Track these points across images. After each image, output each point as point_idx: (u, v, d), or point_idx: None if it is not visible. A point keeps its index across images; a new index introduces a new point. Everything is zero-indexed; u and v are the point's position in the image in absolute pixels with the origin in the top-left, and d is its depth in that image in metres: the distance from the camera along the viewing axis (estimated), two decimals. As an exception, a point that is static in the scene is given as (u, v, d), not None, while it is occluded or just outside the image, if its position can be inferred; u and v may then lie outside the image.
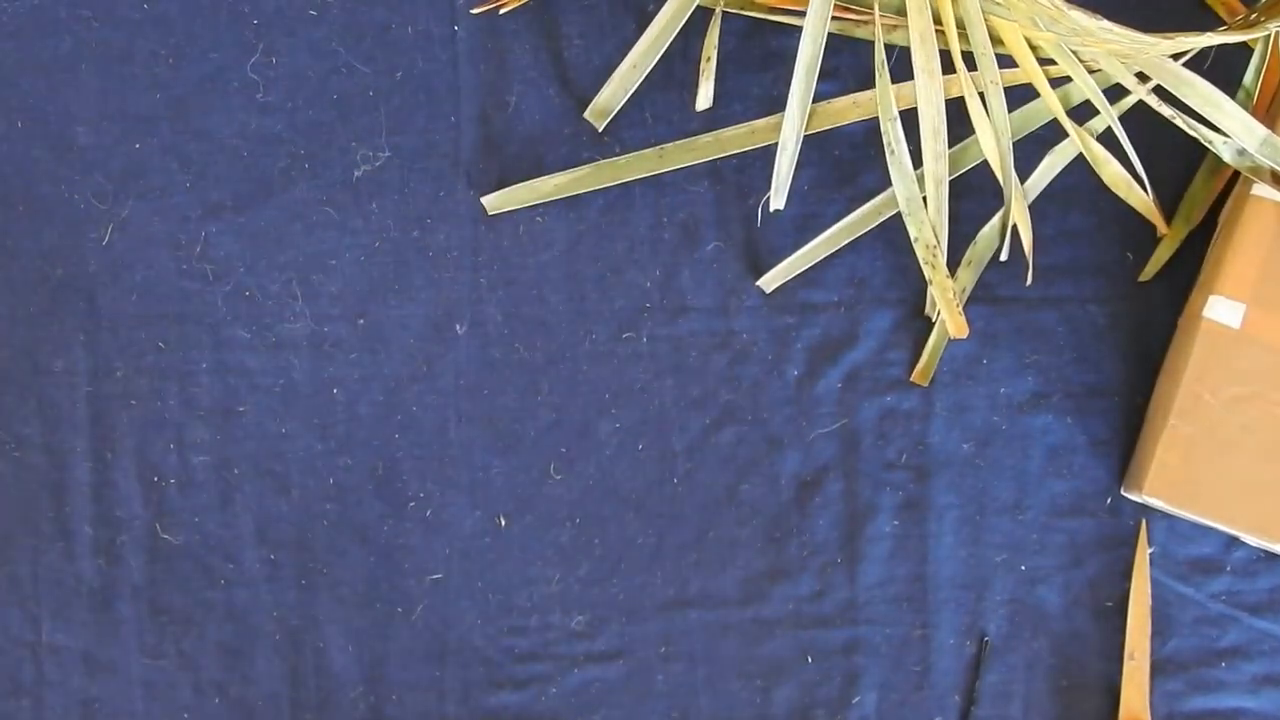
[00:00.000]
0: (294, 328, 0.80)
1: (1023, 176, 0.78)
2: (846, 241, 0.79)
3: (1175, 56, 0.75)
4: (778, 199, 0.77)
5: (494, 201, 0.79)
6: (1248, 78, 0.78)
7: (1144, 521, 0.79)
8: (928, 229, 0.76)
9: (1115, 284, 0.80)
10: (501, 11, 0.80)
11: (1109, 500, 0.79)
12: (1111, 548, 0.79)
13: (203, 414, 0.80)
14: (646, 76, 0.78)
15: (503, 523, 0.79)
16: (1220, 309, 0.74)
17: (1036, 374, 0.80)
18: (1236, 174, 0.77)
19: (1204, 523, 0.75)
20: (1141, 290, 0.80)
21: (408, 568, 0.79)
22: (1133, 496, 0.77)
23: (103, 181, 0.80)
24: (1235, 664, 0.78)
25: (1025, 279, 0.77)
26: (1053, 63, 0.75)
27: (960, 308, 0.78)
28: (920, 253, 0.76)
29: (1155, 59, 0.75)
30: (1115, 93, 0.76)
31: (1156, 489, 0.74)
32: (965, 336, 0.78)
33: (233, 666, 0.79)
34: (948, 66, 0.74)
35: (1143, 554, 0.79)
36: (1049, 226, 0.79)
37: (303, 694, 0.79)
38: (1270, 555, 0.78)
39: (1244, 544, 0.78)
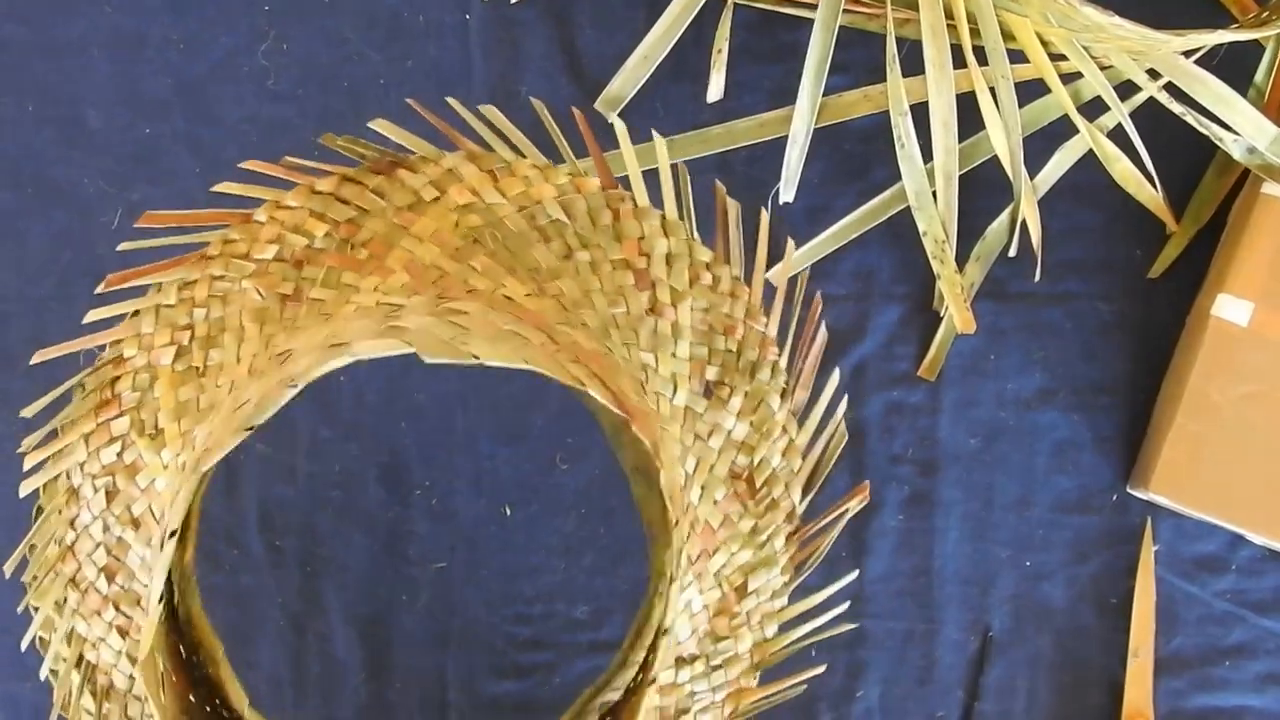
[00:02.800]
0: (302, 314, 0.80)
1: (1032, 172, 0.78)
2: (855, 235, 0.79)
3: (1187, 54, 0.75)
4: (787, 191, 0.77)
5: (503, 191, 0.80)
6: (1259, 75, 0.78)
7: (1149, 519, 0.79)
8: (937, 223, 0.76)
9: (1124, 281, 0.80)
10: (513, 0, 0.80)
11: (1115, 497, 0.79)
12: (1116, 545, 0.79)
13: (210, 399, 0.80)
14: (657, 67, 0.78)
15: (508, 511, 0.79)
16: (1228, 307, 0.74)
17: (1044, 370, 0.80)
18: (1247, 172, 0.77)
19: (1210, 521, 0.75)
20: (1150, 287, 0.80)
21: (412, 555, 0.79)
22: (1139, 494, 0.77)
23: (113, 165, 0.80)
24: (1239, 663, 0.78)
25: (1034, 275, 0.77)
26: (1064, 58, 0.75)
27: (968, 303, 0.78)
28: (929, 247, 0.76)
29: (1167, 56, 0.75)
30: (1126, 89, 0.76)
31: (1163, 486, 0.74)
32: (973, 332, 0.78)
33: (236, 651, 0.78)
34: (959, 61, 0.74)
35: (1148, 551, 0.79)
36: (1058, 222, 0.79)
37: (306, 680, 0.79)
38: (1276, 554, 0.78)
39: (1249, 542, 0.78)
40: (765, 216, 0.67)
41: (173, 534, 0.51)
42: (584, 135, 0.64)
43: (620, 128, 0.65)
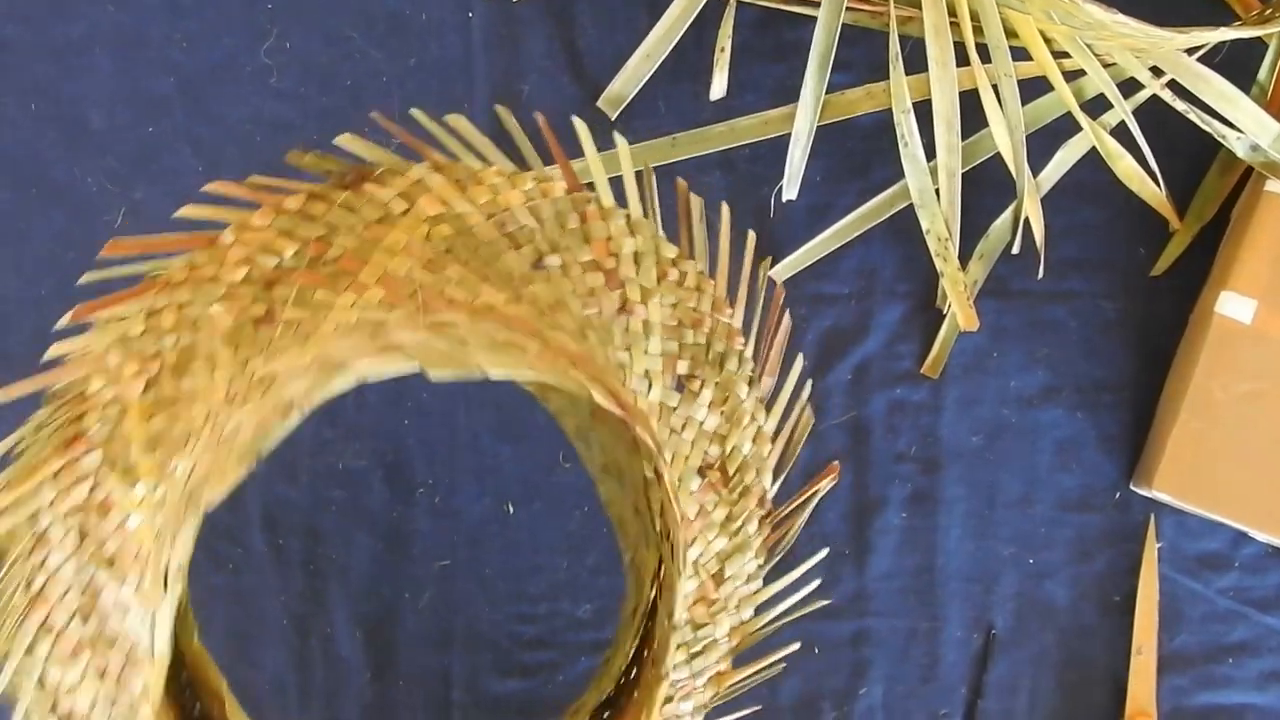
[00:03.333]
0: (304, 313, 0.80)
1: (1035, 170, 0.78)
2: (858, 233, 0.79)
3: (1190, 51, 0.75)
4: (790, 189, 0.77)
5: (506, 189, 0.79)
6: (1262, 73, 0.78)
7: (1153, 516, 0.79)
8: (940, 221, 0.76)
9: (1127, 279, 0.80)
10: (515, -1, 0.80)
11: (1118, 495, 0.79)
12: (1120, 543, 0.79)
13: (212, 399, 0.80)
14: (660, 66, 0.78)
15: (511, 510, 0.79)
16: (1232, 305, 0.74)
17: (1046, 368, 0.80)
18: (1250, 169, 0.77)
19: (1213, 518, 0.75)
20: (1153, 285, 0.80)
21: (415, 554, 0.79)
22: (1142, 491, 0.77)
23: (115, 165, 0.80)
24: (1242, 660, 0.78)
25: (1036, 272, 0.77)
26: (1067, 56, 0.75)
27: (971, 300, 0.78)
28: (932, 245, 0.76)
29: (1170, 53, 0.75)
30: (1129, 87, 0.76)
31: (1166, 484, 0.74)
32: (976, 329, 0.78)
33: (240, 652, 0.79)
34: (962, 59, 0.74)
35: (1151, 549, 0.79)
36: (1061, 220, 0.79)
37: (310, 680, 0.79)
38: (1278, 551, 0.78)
39: (1253, 540, 0.78)
40: (752, 238, 0.68)
41: (178, 568, 0.50)
42: (547, 140, 0.64)
43: (582, 129, 0.64)
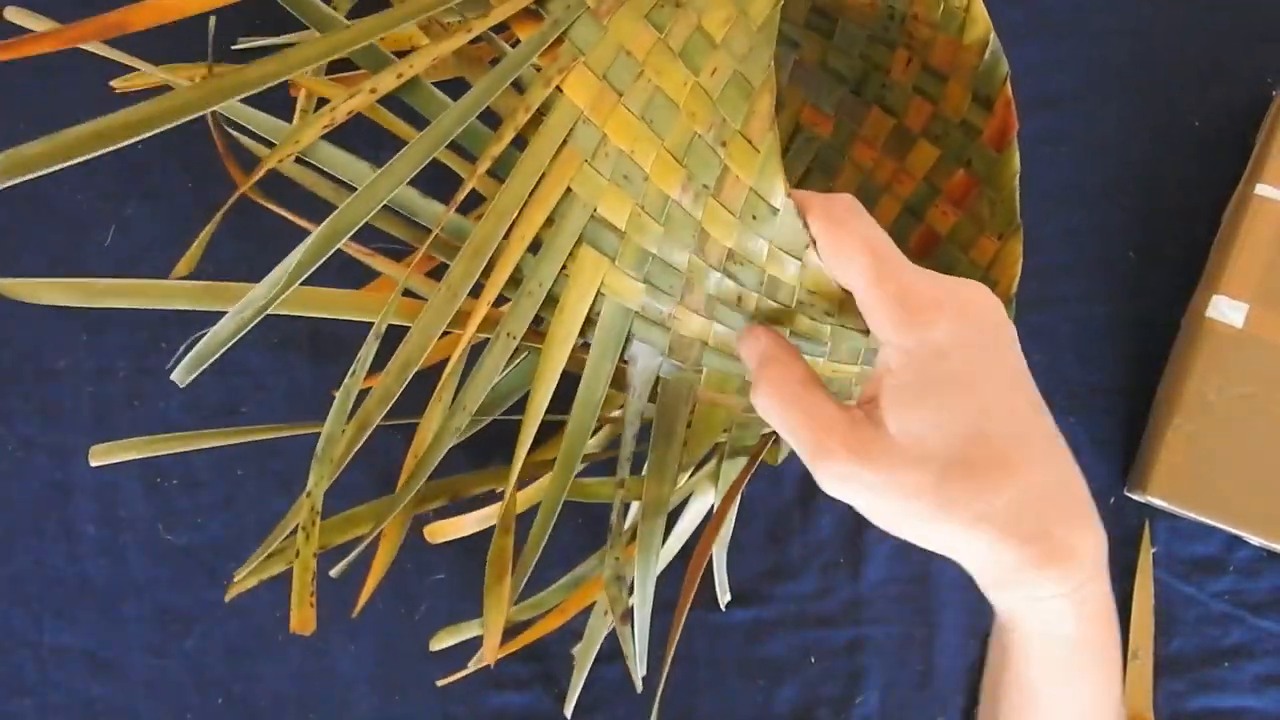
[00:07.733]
0: (296, 326, 0.80)
1: (1025, 172, 0.78)
2: (849, 241, 0.79)
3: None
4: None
5: (496, 201, 0.79)
6: (1251, 77, 0.78)
7: (1147, 521, 0.79)
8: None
9: (1118, 283, 0.80)
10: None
11: (1112, 500, 0.79)
12: (1115, 547, 0.77)
13: (205, 414, 0.80)
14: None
15: (505, 522, 0.79)
16: (1223, 308, 0.74)
17: (1039, 373, 0.79)
18: (1240, 173, 0.77)
19: (1207, 522, 0.75)
20: (1144, 289, 0.80)
21: (410, 567, 0.79)
22: (1136, 496, 0.77)
23: (105, 181, 0.80)
24: (1239, 664, 0.78)
25: (1028, 279, 0.77)
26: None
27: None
28: (923, 252, 0.76)
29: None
30: (1118, 92, 0.76)
31: (1160, 489, 0.74)
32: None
33: (236, 666, 0.79)
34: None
35: (1146, 554, 0.79)
36: (1051, 225, 0.79)
37: (306, 693, 0.79)
38: (1273, 555, 0.78)
39: (1247, 543, 0.78)
40: None
41: None
42: None
43: None
